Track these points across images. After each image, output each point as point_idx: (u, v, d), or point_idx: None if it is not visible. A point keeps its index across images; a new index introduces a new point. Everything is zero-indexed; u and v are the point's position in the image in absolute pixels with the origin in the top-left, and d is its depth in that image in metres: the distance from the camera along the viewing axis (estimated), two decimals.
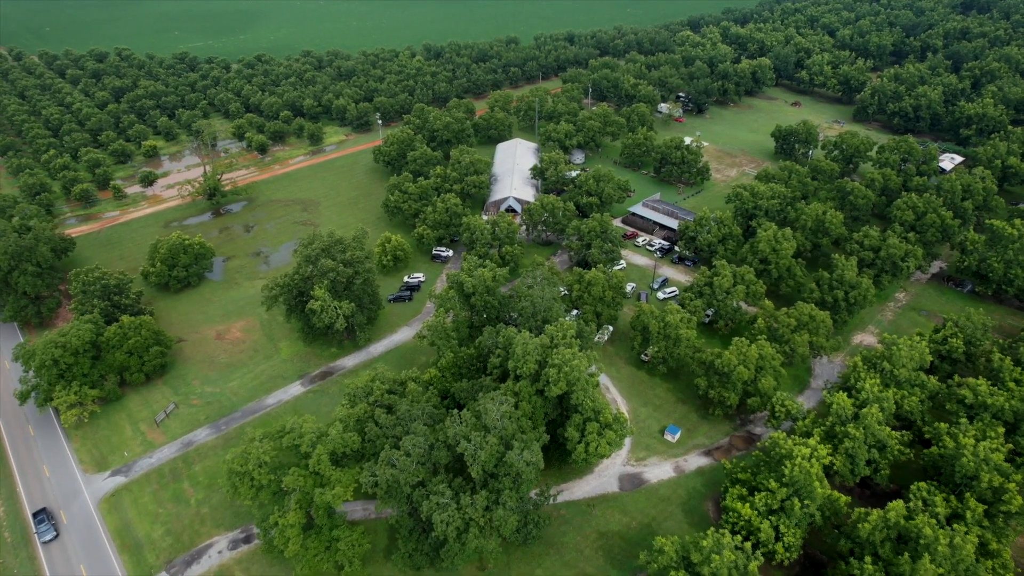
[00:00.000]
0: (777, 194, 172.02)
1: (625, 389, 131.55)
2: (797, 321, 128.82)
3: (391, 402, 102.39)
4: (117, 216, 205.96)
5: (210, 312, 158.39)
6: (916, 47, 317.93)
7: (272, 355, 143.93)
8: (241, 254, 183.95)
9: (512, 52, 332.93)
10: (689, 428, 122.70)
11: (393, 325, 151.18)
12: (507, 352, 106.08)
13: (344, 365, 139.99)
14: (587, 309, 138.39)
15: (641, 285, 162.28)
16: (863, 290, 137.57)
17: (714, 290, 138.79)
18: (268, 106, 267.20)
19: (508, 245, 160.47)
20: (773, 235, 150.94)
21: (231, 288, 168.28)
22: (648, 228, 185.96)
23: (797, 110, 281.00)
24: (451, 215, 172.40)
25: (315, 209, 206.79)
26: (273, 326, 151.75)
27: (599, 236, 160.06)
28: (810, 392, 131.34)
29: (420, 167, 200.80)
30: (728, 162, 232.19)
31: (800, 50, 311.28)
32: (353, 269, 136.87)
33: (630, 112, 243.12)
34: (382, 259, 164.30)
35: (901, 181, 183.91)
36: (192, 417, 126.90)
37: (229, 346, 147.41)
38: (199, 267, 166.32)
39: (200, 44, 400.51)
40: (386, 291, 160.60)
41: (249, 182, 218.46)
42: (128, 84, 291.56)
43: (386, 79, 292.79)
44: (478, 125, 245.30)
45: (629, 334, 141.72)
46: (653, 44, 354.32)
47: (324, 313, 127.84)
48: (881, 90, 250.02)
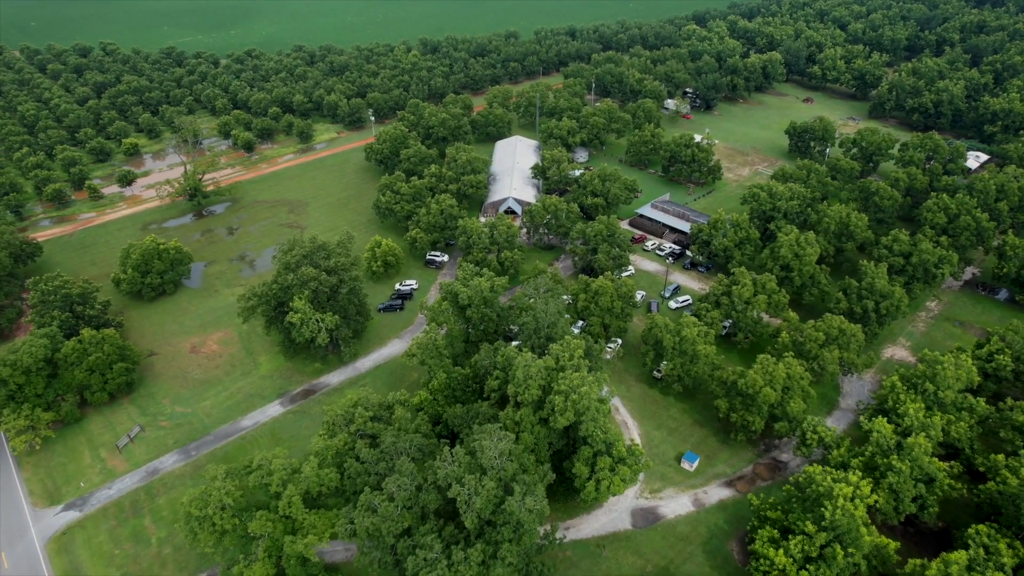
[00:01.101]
0: (796, 195, 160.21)
1: (636, 410, 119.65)
2: (826, 335, 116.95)
3: (375, 431, 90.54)
4: (93, 218, 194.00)
5: (186, 322, 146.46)
6: (931, 41, 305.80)
7: (250, 371, 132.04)
8: (222, 259, 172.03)
9: (511, 47, 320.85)
10: (708, 455, 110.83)
11: (383, 338, 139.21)
12: (506, 374, 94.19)
13: (328, 382, 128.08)
14: (594, 321, 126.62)
15: (651, 293, 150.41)
16: (896, 300, 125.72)
17: (733, 300, 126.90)
18: (256, 102, 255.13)
19: (507, 250, 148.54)
20: (795, 239, 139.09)
21: (209, 296, 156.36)
22: (657, 231, 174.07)
23: (809, 106, 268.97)
24: (446, 217, 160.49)
25: (303, 211, 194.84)
26: (253, 338, 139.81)
27: (606, 240, 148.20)
28: (839, 413, 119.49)
29: (414, 166, 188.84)
30: (740, 160, 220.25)
31: (811, 44, 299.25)
32: (338, 277, 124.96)
33: (636, 108, 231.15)
34: (372, 265, 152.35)
35: (927, 181, 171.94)
36: (159, 441, 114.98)
37: (204, 360, 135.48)
38: (175, 273, 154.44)
39: (190, 39, 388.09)
40: (376, 300, 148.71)
41: (233, 182, 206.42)
42: (111, 79, 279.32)
43: (380, 74, 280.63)
44: (476, 122, 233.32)
45: (640, 348, 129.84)
46: (658, 39, 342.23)
47: (304, 327, 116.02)
48: (899, 85, 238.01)
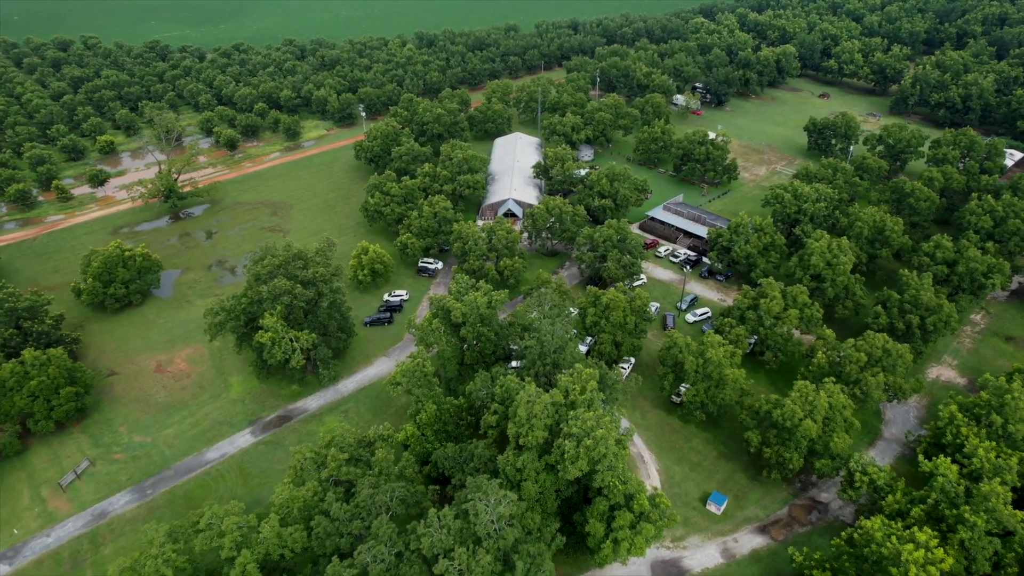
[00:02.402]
0: (823, 196, 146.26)
1: (653, 440, 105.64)
2: (868, 356, 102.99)
3: (352, 477, 76.50)
4: (61, 220, 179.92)
5: (152, 338, 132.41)
6: (952, 34, 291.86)
7: (220, 393, 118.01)
8: (197, 266, 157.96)
9: (511, 40, 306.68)
10: (737, 494, 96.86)
11: (369, 355, 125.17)
12: (506, 408, 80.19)
13: (306, 407, 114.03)
14: (604, 339, 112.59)
15: (665, 305, 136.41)
16: (944, 315, 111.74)
17: (760, 315, 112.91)
18: (241, 98, 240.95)
19: (507, 257, 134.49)
20: (827, 246, 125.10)
21: (180, 307, 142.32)
22: (670, 235, 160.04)
23: (825, 102, 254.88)
24: (440, 221, 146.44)
25: (286, 213, 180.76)
26: (224, 355, 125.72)
27: (616, 246, 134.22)
28: (883, 444, 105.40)
29: (406, 165, 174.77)
30: (755, 159, 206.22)
31: (826, 37, 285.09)
32: (316, 290, 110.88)
33: (644, 103, 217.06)
34: (358, 274, 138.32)
35: (964, 180, 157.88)
36: (111, 478, 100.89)
37: (170, 381, 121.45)
38: (142, 283, 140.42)
39: (177, 34, 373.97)
40: (362, 313, 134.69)
41: (213, 182, 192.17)
42: (90, 74, 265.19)
43: (373, 68, 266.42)
44: (473, 118, 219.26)
45: (656, 369, 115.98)
46: (664, 32, 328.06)
47: (276, 347, 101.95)
48: (924, 79, 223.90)
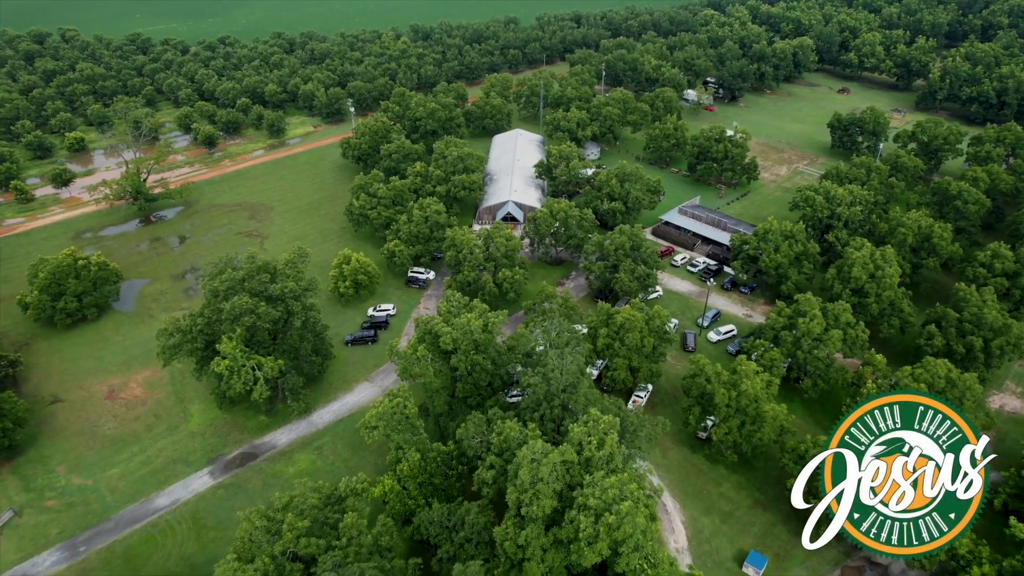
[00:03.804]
0: (859, 199, 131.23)
1: (676, 484, 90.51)
2: (929, 387, 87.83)
3: (313, 551, 61.34)
4: (19, 224, 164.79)
5: (106, 358, 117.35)
6: (976, 26, 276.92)
7: (178, 424, 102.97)
8: (165, 275, 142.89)
9: (511, 33, 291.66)
10: (778, 552, 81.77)
11: (349, 380, 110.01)
12: (505, 461, 65.01)
13: (275, 442, 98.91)
14: (618, 364, 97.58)
15: (684, 321, 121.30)
16: (1013, 336, 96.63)
17: (798, 336, 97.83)
18: (224, 92, 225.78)
19: (507, 268, 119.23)
20: (870, 255, 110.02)
21: (142, 323, 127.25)
22: (686, 242, 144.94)
23: (846, 97, 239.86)
24: (432, 226, 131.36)
25: (266, 216, 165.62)
26: (186, 379, 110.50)
27: (629, 255, 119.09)
28: None
29: (396, 164, 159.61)
30: (775, 158, 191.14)
31: (844, 29, 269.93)
32: (285, 308, 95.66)
33: (654, 98, 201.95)
34: (339, 286, 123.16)
35: (1013, 181, 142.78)
36: (39, 531, 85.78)
37: (122, 410, 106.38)
38: (99, 295, 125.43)
39: (163, 27, 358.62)
40: (343, 330, 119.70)
41: (186, 182, 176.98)
42: (65, 67, 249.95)
43: (364, 62, 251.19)
44: (470, 113, 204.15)
45: (677, 397, 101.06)
46: (673, 24, 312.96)
47: (235, 378, 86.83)
48: (954, 72, 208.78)
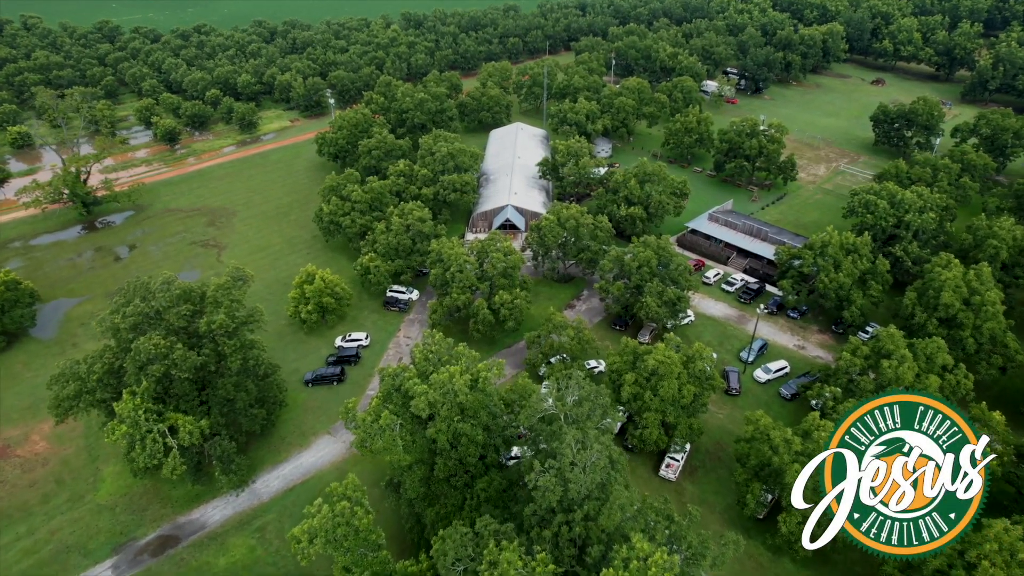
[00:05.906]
0: (931, 203, 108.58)
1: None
2: None
3: None
4: None
5: (8, 400, 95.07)
6: (1019, 11, 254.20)
7: (85, 493, 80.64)
8: (99, 293, 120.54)
9: (511, 20, 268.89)
10: None
11: (306, 433, 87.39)
12: None
13: (205, 520, 76.47)
14: (650, 419, 75.07)
15: (722, 353, 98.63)
16: None
17: (883, 384, 75.25)
18: (192, 83, 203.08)
19: (505, 290, 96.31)
20: (962, 276, 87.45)
21: (62, 354, 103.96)
22: (717, 254, 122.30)
23: (881, 88, 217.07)
24: (415, 236, 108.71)
25: (227, 223, 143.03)
26: (104, 433, 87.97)
27: (656, 274, 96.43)
28: None
29: (377, 162, 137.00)
30: (810, 156, 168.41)
31: (876, 15, 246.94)
32: (214, 350, 72.89)
33: (671, 88, 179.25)
34: (300, 310, 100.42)
35: None
36: None
37: (16, 472, 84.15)
38: (9, 320, 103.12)
39: (139, 17, 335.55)
40: (304, 366, 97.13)
41: (138, 183, 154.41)
42: (20, 55, 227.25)
43: (350, 51, 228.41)
44: (465, 105, 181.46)
45: (721, 457, 78.76)
46: (687, 11, 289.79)
47: (139, 449, 64.15)
48: (1009, 58, 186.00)
